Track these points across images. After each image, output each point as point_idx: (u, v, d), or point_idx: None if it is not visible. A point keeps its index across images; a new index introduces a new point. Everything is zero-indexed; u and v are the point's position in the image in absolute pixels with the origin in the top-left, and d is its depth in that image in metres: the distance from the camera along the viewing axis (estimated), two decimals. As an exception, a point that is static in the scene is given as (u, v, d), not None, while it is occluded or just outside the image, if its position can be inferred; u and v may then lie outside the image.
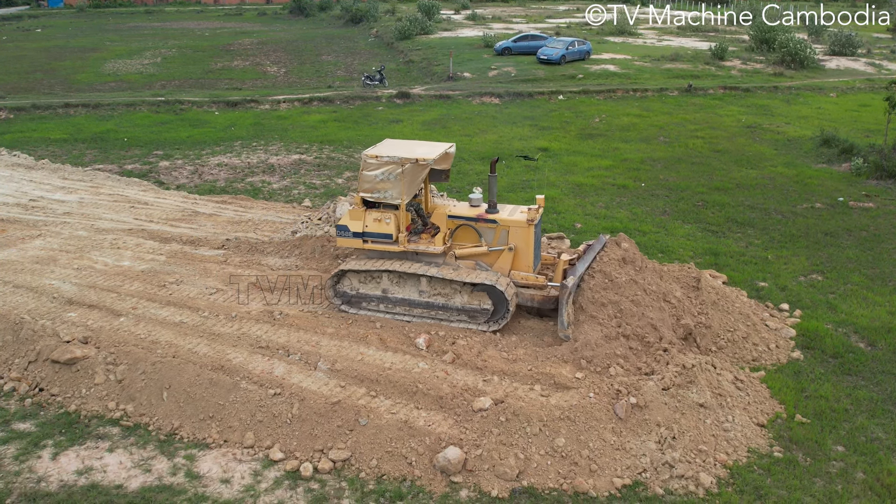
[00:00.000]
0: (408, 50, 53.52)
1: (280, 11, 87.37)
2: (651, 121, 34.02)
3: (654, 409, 11.82)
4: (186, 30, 69.69)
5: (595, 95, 39.47)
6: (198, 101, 37.64)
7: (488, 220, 14.73)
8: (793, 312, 16.02)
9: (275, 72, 47.91)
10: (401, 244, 14.60)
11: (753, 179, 25.41)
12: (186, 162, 27.44)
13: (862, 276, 17.91)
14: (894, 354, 14.48)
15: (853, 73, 47.10)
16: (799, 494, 10.83)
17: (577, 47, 48.30)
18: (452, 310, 14.56)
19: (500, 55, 49.83)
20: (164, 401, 12.42)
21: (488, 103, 37.94)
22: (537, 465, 11.11)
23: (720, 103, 38.32)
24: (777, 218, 21.79)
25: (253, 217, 21.04)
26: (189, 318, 14.68)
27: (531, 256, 14.73)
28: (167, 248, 18.22)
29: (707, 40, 56.73)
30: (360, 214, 14.74)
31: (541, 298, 14.55)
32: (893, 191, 24.39)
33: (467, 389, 12.35)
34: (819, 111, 36.70)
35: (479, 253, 14.79)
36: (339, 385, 12.54)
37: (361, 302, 15.06)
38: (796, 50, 47.26)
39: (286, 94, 39.23)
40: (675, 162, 27.40)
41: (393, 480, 11.02)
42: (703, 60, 48.35)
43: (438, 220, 15.03)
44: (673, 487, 10.92)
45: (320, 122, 33.89)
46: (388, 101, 38.17)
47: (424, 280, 14.47)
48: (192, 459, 11.45)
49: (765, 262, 18.60)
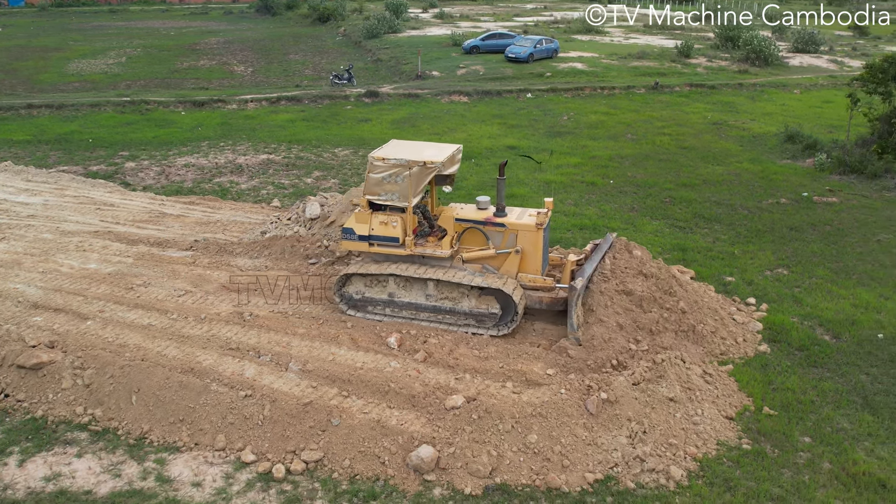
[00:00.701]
0: (376, 49, 53.38)
1: (246, 10, 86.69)
2: (618, 118, 34.26)
3: (624, 404, 11.92)
4: (151, 29, 68.90)
5: (563, 93, 39.67)
6: (164, 101, 37.25)
7: (497, 223, 14.57)
8: (759, 306, 16.24)
9: (242, 71, 47.53)
10: (407, 248, 14.40)
11: (719, 176, 25.71)
12: (153, 163, 27.15)
13: (826, 269, 18.20)
14: (858, 346, 14.74)
15: (816, 70, 47.81)
16: (767, 486, 10.99)
17: (545, 45, 48.47)
18: (460, 314, 14.39)
19: (469, 54, 49.87)
20: (133, 404, 12.30)
21: (457, 102, 37.97)
22: (510, 462, 11.16)
23: (686, 100, 38.70)
24: (743, 213, 22.06)
25: (221, 218, 20.88)
26: (157, 321, 14.54)
27: (539, 260, 14.60)
28: (134, 250, 18.02)
29: (673, 38, 57.24)
30: (366, 217, 14.53)
31: (549, 300, 14.43)
32: (856, 186, 24.80)
33: (439, 388, 12.38)
34: (783, 108, 37.21)
35: (487, 256, 14.63)
36: (310, 386, 12.50)
37: (367, 306, 14.88)
38: (760, 47, 47.86)
39: (254, 94, 38.95)
40: (643, 159, 27.63)
41: (366, 480, 11.01)
42: (670, 58, 48.80)
43: (445, 222, 14.82)
44: (644, 481, 11.03)
45: (288, 121, 33.70)
46: (356, 100, 38.05)
47: (432, 284, 14.31)
48: (163, 463, 11.35)
49: (731, 256, 18.83)
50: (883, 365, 14.13)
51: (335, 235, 17.39)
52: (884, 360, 14.30)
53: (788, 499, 10.76)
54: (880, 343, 14.86)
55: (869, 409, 12.80)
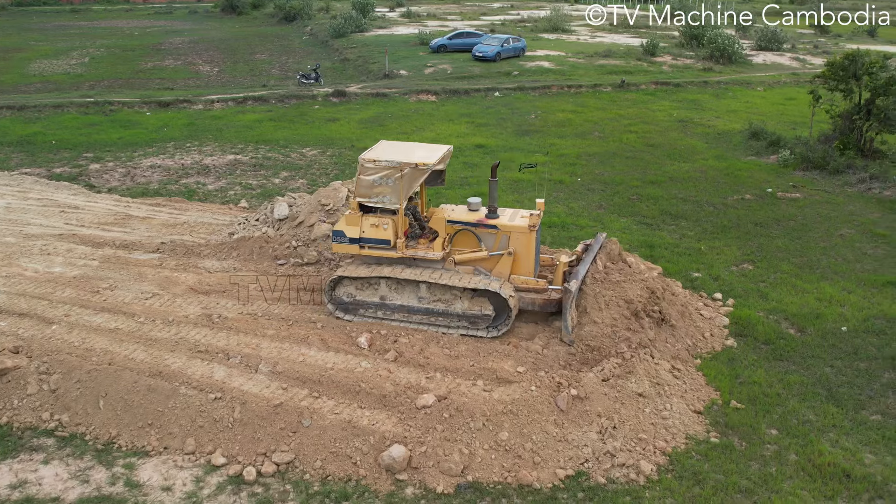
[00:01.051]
0: (343, 48, 53.18)
1: (211, 10, 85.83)
2: (586, 116, 34.48)
3: (594, 400, 12.02)
4: (115, 29, 67.99)
5: (530, 92, 39.82)
6: (128, 101, 36.80)
7: (489, 225, 14.48)
8: (726, 301, 16.45)
9: (208, 71, 47.09)
10: (399, 250, 14.25)
11: (686, 172, 25.98)
12: (118, 164, 26.82)
13: (791, 264, 18.48)
14: (823, 339, 14.99)
15: (779, 67, 48.47)
16: (735, 478, 11.14)
17: (512, 44, 48.61)
18: (452, 316, 14.27)
19: (436, 53, 49.87)
20: (101, 409, 12.16)
21: (425, 101, 37.95)
22: (482, 460, 11.20)
23: (652, 98, 39.04)
24: (709, 210, 22.32)
25: (188, 219, 20.69)
26: (124, 324, 14.39)
27: (532, 261, 14.55)
28: (100, 253, 17.80)
29: (638, 36, 57.69)
30: (357, 220, 14.34)
31: (542, 302, 14.36)
32: (819, 181, 25.20)
33: (410, 387, 12.38)
34: (747, 105, 37.67)
35: (479, 258, 14.52)
36: (280, 387, 12.44)
37: (358, 309, 14.72)
38: (724, 45, 48.41)
39: (220, 94, 38.62)
40: (610, 157, 27.83)
41: (338, 481, 10.99)
42: (635, 56, 49.18)
43: (437, 224, 14.68)
44: (615, 476, 11.13)
45: (256, 121, 33.47)
46: (324, 99, 37.89)
47: (424, 286, 14.20)
48: (132, 468, 11.24)
49: (698, 252, 19.04)
50: (846, 357, 14.39)
51: (303, 236, 17.31)
52: (847, 352, 14.56)
53: (756, 491, 10.92)
54: (844, 336, 15.12)
55: (833, 401, 13.03)
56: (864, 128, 27.11)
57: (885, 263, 18.58)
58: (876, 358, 14.37)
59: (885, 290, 17.10)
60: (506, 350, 13.55)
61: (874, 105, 26.54)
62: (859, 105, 27.09)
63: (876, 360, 14.32)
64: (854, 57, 27.13)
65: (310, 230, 17.33)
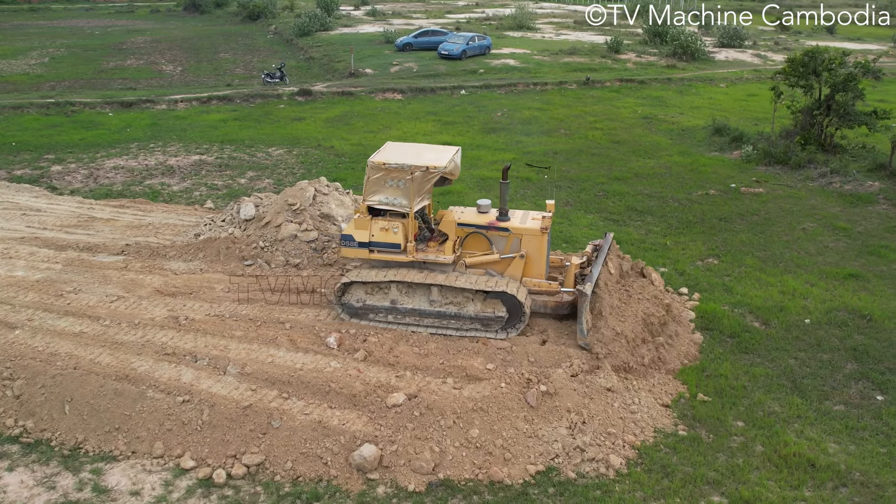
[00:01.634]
0: (308, 47, 52.92)
1: (174, 8, 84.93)
2: (551, 114, 34.65)
3: (563, 396, 12.10)
4: (75, 28, 66.98)
5: (496, 90, 39.92)
6: (90, 102, 36.27)
7: (500, 227, 14.30)
8: (692, 295, 16.65)
9: (171, 70, 46.59)
10: (409, 254, 14.04)
11: (651, 169, 26.22)
12: (80, 165, 26.44)
13: (755, 258, 18.74)
14: (787, 332, 15.23)
15: (741, 64, 49.11)
16: (703, 470, 11.29)
17: (478, 42, 48.72)
18: (465, 318, 14.09)
19: (402, 51, 49.84)
20: (67, 414, 12.00)
21: (391, 99, 37.89)
22: (452, 458, 11.22)
23: (617, 95, 39.34)
24: (674, 205, 22.55)
25: (153, 220, 20.46)
26: (89, 328, 14.20)
27: (544, 264, 14.42)
28: (63, 256, 17.54)
29: (603, 34, 58.08)
30: (366, 223, 14.12)
31: (553, 304, 14.26)
32: (781, 176, 25.58)
33: (380, 386, 12.37)
34: (710, 101, 38.12)
35: (491, 261, 14.34)
36: (249, 388, 12.37)
37: (368, 313, 14.49)
38: (687, 43, 48.93)
39: (184, 94, 38.22)
40: (576, 154, 28.00)
41: (309, 482, 10.96)
42: (600, 54, 49.54)
43: (447, 227, 14.43)
44: (585, 471, 11.22)
45: (220, 121, 33.18)
46: (289, 98, 37.67)
47: (436, 289, 14.00)
48: (99, 473, 11.10)
49: (664, 248, 19.24)
50: (810, 349, 14.64)
51: (270, 236, 17.20)
52: (811, 344, 14.81)
53: (724, 482, 11.07)
54: (807, 328, 15.38)
55: (798, 392, 13.25)
56: (825, 123, 27.57)
57: (847, 256, 18.92)
58: (838, 349, 14.63)
59: (846, 283, 17.41)
60: (475, 347, 13.59)
61: (834, 101, 27.01)
62: (819, 101, 27.54)
63: (838, 351, 14.58)
64: (814, 54, 27.56)
65: (277, 230, 17.23)
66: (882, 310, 16.08)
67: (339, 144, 28.93)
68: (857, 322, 15.62)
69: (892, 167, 25.16)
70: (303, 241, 16.99)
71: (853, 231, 20.58)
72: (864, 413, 12.75)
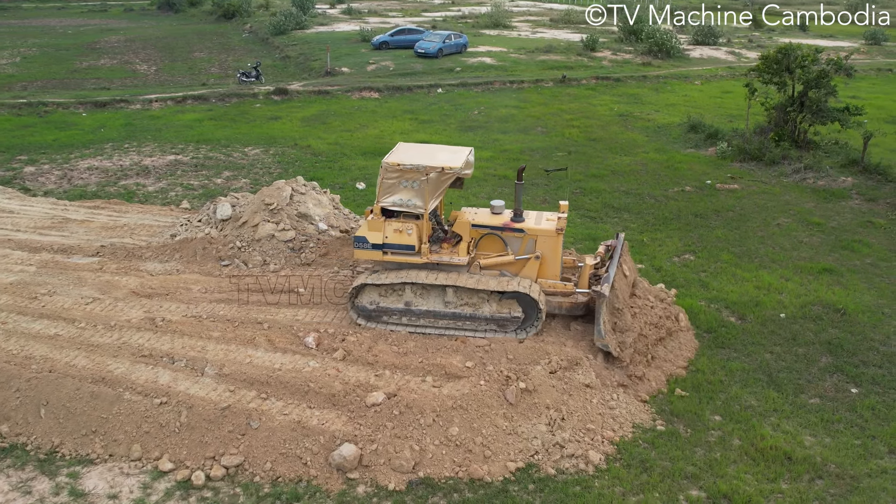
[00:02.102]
0: (283, 45, 52.69)
1: (148, 7, 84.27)
2: (528, 112, 34.74)
3: (542, 393, 12.14)
4: (47, 27, 66.25)
5: (473, 88, 39.96)
6: (63, 102, 35.88)
7: (515, 228, 14.21)
8: (668, 291, 16.74)
9: (145, 70, 46.21)
10: (424, 255, 13.90)
11: (627, 166, 26.36)
12: (54, 166, 26.15)
13: (730, 254, 18.90)
14: (762, 326, 15.38)
15: (715, 61, 49.50)
16: (682, 464, 11.37)
17: (454, 40, 48.74)
18: (480, 319, 13.95)
19: (378, 49, 49.76)
20: (42, 418, 11.87)
21: (368, 98, 37.82)
22: (432, 456, 11.23)
23: (593, 93, 39.51)
24: (650, 202, 22.69)
25: (128, 221, 20.28)
26: (65, 330, 14.05)
27: (559, 265, 14.36)
28: (37, 258, 17.35)
29: (578, 32, 58.29)
30: (380, 225, 13.96)
31: (568, 305, 14.16)
32: (756, 172, 25.81)
33: (359, 385, 12.35)
34: (685, 98, 38.39)
35: (506, 262, 14.23)
36: (228, 389, 12.30)
37: (382, 316, 14.30)
38: (662, 40, 49.25)
39: (158, 93, 37.92)
40: (553, 151, 28.09)
41: (288, 482, 10.92)
42: (576, 52, 49.72)
43: (461, 228, 14.29)
44: (564, 467, 11.27)
45: (196, 120, 32.95)
46: (265, 97, 37.49)
47: (451, 290, 13.85)
48: (76, 477, 11.00)
49: (641, 244, 19.35)
50: (785, 343, 14.79)
51: (247, 236, 17.11)
52: (786, 338, 14.96)
53: (702, 476, 11.16)
54: (782, 322, 15.53)
55: (774, 386, 13.39)
56: (798, 119, 27.84)
57: (821, 251, 19.14)
58: (813, 343, 14.80)
59: (821, 277, 17.61)
60: (454, 346, 13.60)
61: (807, 97, 27.27)
62: (793, 97, 27.80)
63: (813, 345, 14.74)
64: (787, 51, 27.81)
65: (254, 230, 17.14)
66: (856, 303, 16.28)
67: (316, 143, 28.83)
68: (831, 316, 15.80)
69: (865, 163, 25.48)
70: (280, 240, 16.91)
71: (827, 226, 20.82)
72: (839, 406, 12.91)
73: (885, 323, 15.57)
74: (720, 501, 10.70)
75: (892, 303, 16.44)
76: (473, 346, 13.48)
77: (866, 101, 32.96)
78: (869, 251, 19.14)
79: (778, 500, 10.76)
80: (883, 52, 54.76)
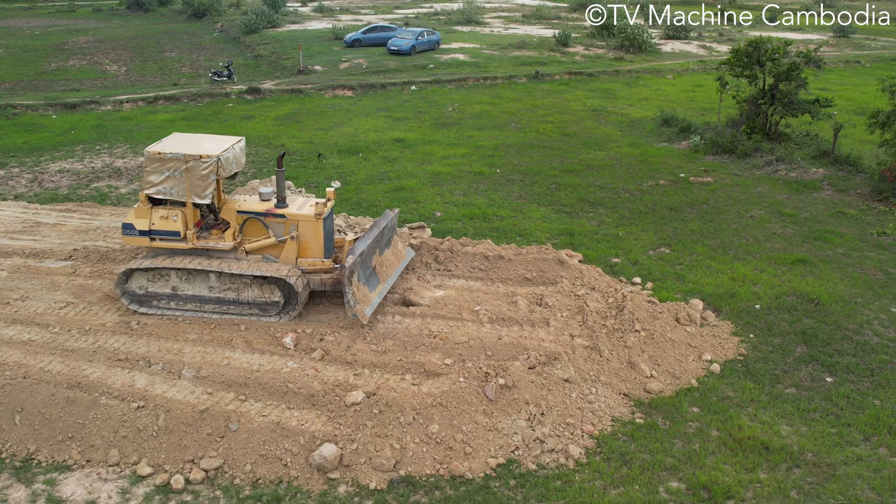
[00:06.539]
0: (255, 44, 52.33)
1: (117, 7, 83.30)
2: (502, 108, 34.77)
3: (522, 388, 12.18)
4: (14, 28, 65.33)
5: (447, 84, 39.94)
6: (32, 104, 35.39)
7: (277, 214, 14.85)
8: (645, 285, 16.86)
9: (115, 70, 45.69)
10: (189, 241, 14.54)
11: (602, 160, 26.48)
12: (24, 169, 25.80)
13: (705, 246, 19.05)
14: (738, 318, 15.51)
15: (687, 55, 49.83)
16: (661, 456, 11.46)
17: (427, 37, 48.66)
18: (244, 304, 14.65)
19: (351, 47, 49.56)
20: (17, 425, 11.72)
21: (341, 96, 37.68)
22: (413, 454, 11.23)
23: (567, 88, 39.63)
24: (625, 196, 22.81)
25: (101, 224, 20.06)
26: (38, 336, 13.89)
27: (321, 246, 14.95)
28: (8, 263, 17.12)
29: (551, 27, 58.43)
30: (146, 212, 14.56)
31: (332, 281, 14.82)
32: (729, 165, 26.03)
33: (339, 385, 12.32)
34: (658, 93, 38.61)
35: (268, 245, 14.89)
36: (206, 392, 12.23)
37: (152, 300, 14.86)
38: (634, 35, 49.48)
39: (129, 94, 37.52)
40: (528, 147, 28.15)
41: (269, 484, 10.87)
42: (549, 47, 49.83)
43: (228, 215, 14.98)
44: (545, 462, 11.31)
45: (168, 121, 32.64)
46: (238, 97, 37.22)
47: (214, 275, 14.50)
48: (53, 484, 10.87)
49: (616, 238, 19.45)
50: (761, 334, 14.93)
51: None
52: (762, 329, 15.11)
53: (681, 468, 11.26)
54: (757, 313, 15.68)
55: (750, 377, 13.52)
56: (769, 112, 28.10)
57: (794, 242, 19.34)
58: (788, 333, 14.96)
59: (794, 268, 17.80)
60: (433, 343, 13.61)
61: (778, 90, 27.54)
62: (764, 90, 28.05)
63: (788, 335, 14.90)
64: (757, 44, 28.05)
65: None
66: (829, 293, 16.47)
67: (290, 142, 28.67)
68: (805, 306, 15.98)
69: (835, 154, 25.78)
70: (255, 241, 16.83)
71: (799, 217, 21.04)
72: (815, 395, 13.07)
73: (857, 312, 15.77)
74: (700, 492, 10.80)
75: (864, 292, 16.66)
76: (452, 343, 13.50)
77: (836, 93, 33.32)
78: (841, 241, 19.37)
79: (756, 490, 10.88)
80: (851, 45, 55.43)
